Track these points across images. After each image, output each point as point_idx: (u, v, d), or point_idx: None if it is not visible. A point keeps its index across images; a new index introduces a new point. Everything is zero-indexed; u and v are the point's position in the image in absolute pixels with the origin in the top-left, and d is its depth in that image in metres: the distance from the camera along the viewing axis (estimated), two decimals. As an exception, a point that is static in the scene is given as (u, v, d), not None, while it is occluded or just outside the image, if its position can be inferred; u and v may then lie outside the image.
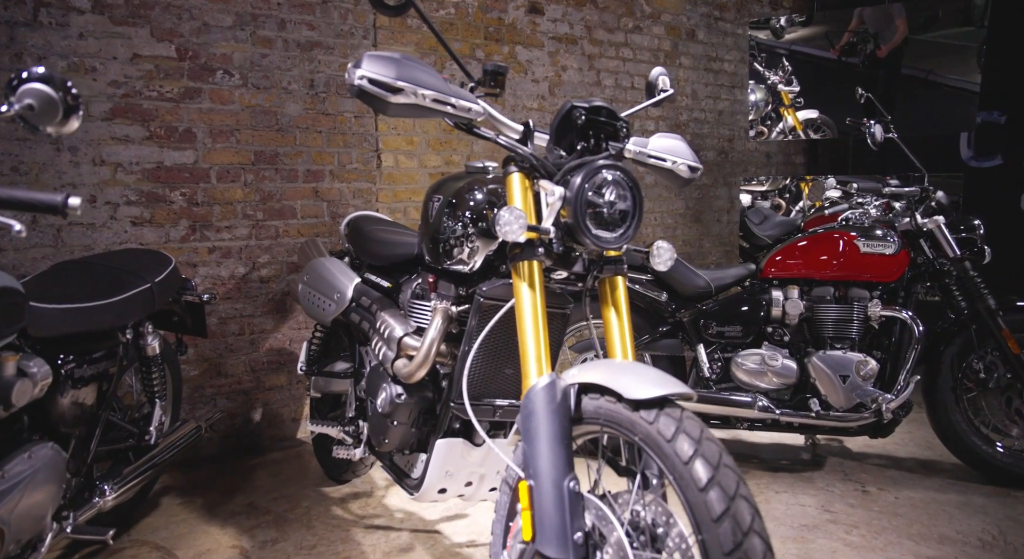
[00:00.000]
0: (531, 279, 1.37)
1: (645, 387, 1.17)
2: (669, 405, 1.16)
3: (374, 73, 1.28)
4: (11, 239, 2.57)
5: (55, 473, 1.65)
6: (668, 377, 1.21)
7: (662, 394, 1.15)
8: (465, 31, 3.52)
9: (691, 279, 2.80)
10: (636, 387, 1.17)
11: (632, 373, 1.22)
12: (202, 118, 2.88)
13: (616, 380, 1.21)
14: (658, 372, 1.23)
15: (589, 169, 1.35)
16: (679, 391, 1.16)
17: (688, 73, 4.43)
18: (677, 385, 1.18)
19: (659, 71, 1.88)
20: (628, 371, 1.23)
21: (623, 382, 1.20)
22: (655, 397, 1.15)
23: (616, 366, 1.27)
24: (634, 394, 1.16)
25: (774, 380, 2.67)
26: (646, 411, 1.15)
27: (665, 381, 1.18)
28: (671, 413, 1.14)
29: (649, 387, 1.16)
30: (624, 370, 1.24)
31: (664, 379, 1.19)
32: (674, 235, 4.41)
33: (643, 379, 1.19)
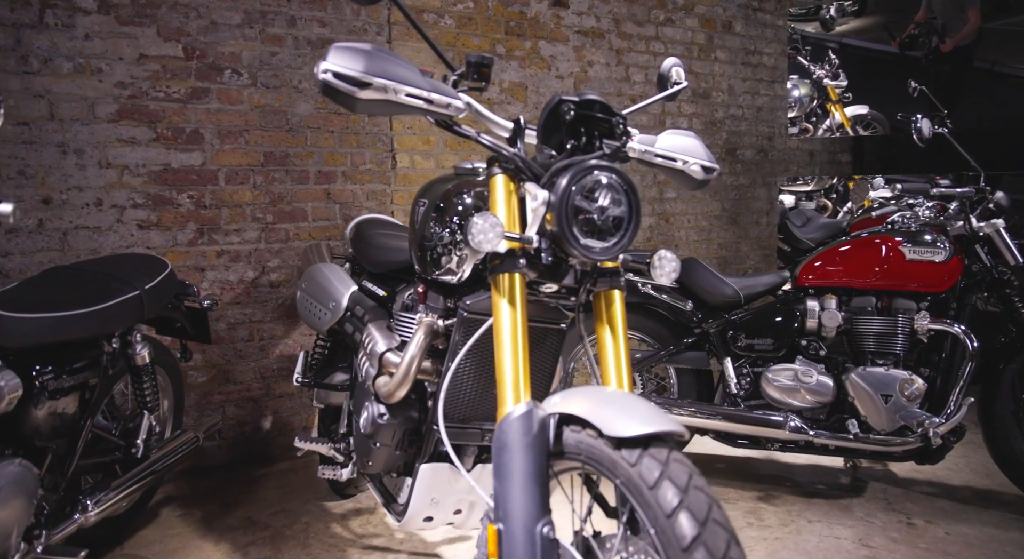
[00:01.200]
0: (511, 293, 1.22)
1: (629, 422, 1.00)
2: (656, 444, 0.99)
3: (340, 66, 1.15)
4: (17, 243, 2.54)
5: (22, 490, 1.57)
6: (659, 412, 1.04)
7: (647, 432, 0.98)
8: (485, 26, 3.39)
9: (718, 287, 2.60)
10: (619, 422, 1.01)
11: (618, 405, 1.06)
12: (210, 119, 2.82)
13: (598, 412, 1.05)
14: (649, 406, 1.06)
15: (577, 170, 1.20)
16: (668, 429, 1.00)
17: (724, 68, 4.20)
18: (666, 422, 1.01)
19: (672, 62, 1.70)
20: (614, 402, 1.07)
21: (605, 415, 1.04)
22: (639, 435, 0.98)
23: (603, 395, 1.11)
24: (615, 430, 1.00)
25: (808, 398, 2.46)
26: (628, 450, 0.99)
27: (654, 417, 1.02)
28: (656, 454, 0.97)
29: (633, 423, 1.00)
30: (610, 401, 1.08)
31: (653, 414, 1.03)
32: (709, 238, 4.19)
33: (629, 413, 1.03)
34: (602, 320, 1.31)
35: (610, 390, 1.14)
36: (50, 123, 2.56)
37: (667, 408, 2.55)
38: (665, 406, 2.55)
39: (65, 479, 1.80)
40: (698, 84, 4.09)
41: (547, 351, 1.52)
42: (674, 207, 4.04)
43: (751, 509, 2.45)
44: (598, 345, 1.31)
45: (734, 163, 4.27)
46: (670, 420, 1.02)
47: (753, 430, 2.48)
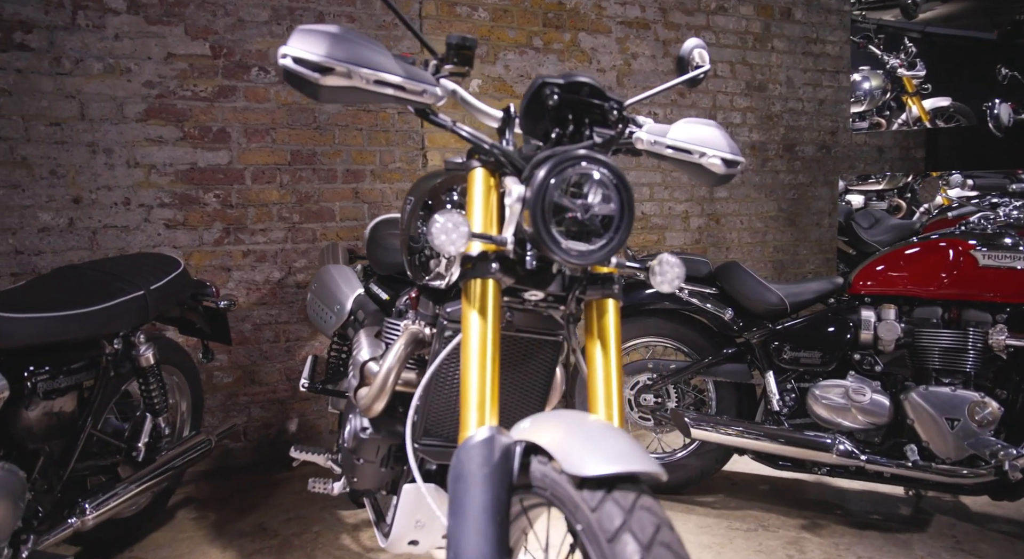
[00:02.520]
0: (483, 301, 1.08)
1: (594, 459, 0.85)
2: (623, 487, 0.83)
3: (300, 51, 1.03)
4: (49, 241, 2.58)
5: (6, 493, 1.54)
6: (635, 448, 0.88)
7: (612, 472, 0.83)
8: (521, 18, 3.25)
9: (761, 294, 2.38)
10: (583, 457, 0.86)
11: (589, 436, 0.91)
12: (236, 117, 2.79)
13: (564, 443, 0.90)
14: (625, 439, 0.90)
15: (557, 161, 1.05)
16: (639, 469, 0.83)
17: (783, 58, 3.92)
18: (639, 461, 0.85)
19: (694, 43, 1.52)
20: (585, 433, 0.92)
21: (570, 447, 0.89)
22: (603, 475, 0.83)
23: (576, 423, 0.96)
24: (576, 466, 0.85)
25: (860, 418, 2.21)
26: (591, 491, 0.84)
27: (626, 454, 0.86)
28: (621, 499, 0.82)
29: (599, 459, 0.84)
30: (581, 431, 0.93)
31: (627, 450, 0.87)
32: (763, 240, 3.92)
33: (598, 446, 0.88)
34: (592, 334, 1.15)
35: (589, 418, 0.98)
36: (81, 123, 2.59)
37: (702, 424, 2.34)
38: (699, 422, 2.35)
39: (61, 482, 1.77)
40: (753, 76, 3.83)
41: (541, 365, 1.37)
42: (725, 207, 3.79)
43: (793, 539, 2.22)
44: (587, 363, 1.15)
45: (792, 160, 3.99)
46: (644, 459, 0.86)
47: (797, 452, 2.25)
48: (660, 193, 3.61)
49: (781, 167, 3.95)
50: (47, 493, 1.74)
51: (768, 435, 2.28)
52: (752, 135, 3.84)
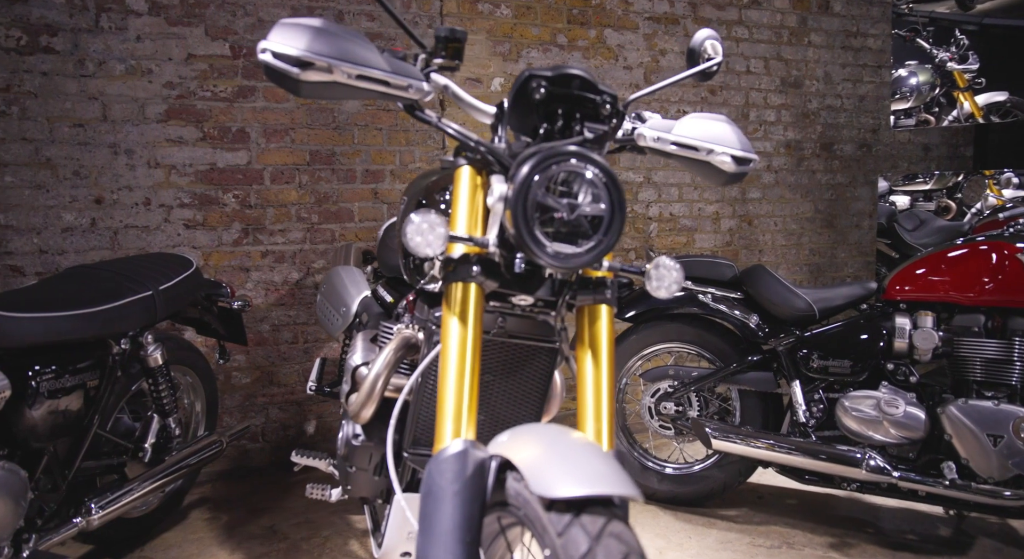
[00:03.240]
0: (463, 306, 1.02)
1: (563, 479, 0.78)
2: (593, 511, 0.76)
3: (280, 45, 0.99)
4: (72, 241, 2.61)
5: (5, 492, 1.53)
6: (612, 469, 0.81)
7: (581, 494, 0.76)
8: (545, 15, 3.18)
9: (787, 299, 2.26)
10: (552, 476, 0.79)
11: (564, 453, 0.84)
12: (256, 117, 2.79)
13: (535, 461, 0.84)
14: (603, 459, 0.83)
15: (541, 158, 0.98)
16: (611, 492, 0.76)
17: (820, 53, 3.76)
18: (613, 483, 0.78)
19: (706, 34, 1.44)
20: (561, 449, 0.85)
21: (540, 465, 0.82)
22: (572, 498, 0.76)
23: (553, 438, 0.89)
24: (544, 487, 0.78)
25: (892, 432, 2.07)
26: (558, 514, 0.77)
27: (600, 475, 0.79)
28: (589, 524, 0.75)
29: (568, 480, 0.78)
30: (557, 447, 0.86)
31: (603, 472, 0.80)
32: (799, 243, 3.76)
33: (572, 465, 0.81)
34: (583, 341, 1.08)
35: (569, 435, 0.91)
36: (103, 124, 2.61)
37: (723, 435, 2.24)
38: (721, 433, 2.24)
39: (66, 481, 1.77)
40: (788, 72, 3.68)
41: (536, 373, 1.30)
42: (758, 208, 3.65)
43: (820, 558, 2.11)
44: (577, 374, 1.08)
45: (830, 159, 3.82)
46: (620, 481, 0.79)
47: (824, 466, 2.12)
48: (689, 194, 3.50)
49: (818, 166, 3.79)
50: (52, 492, 1.75)
51: (793, 448, 2.17)
52: (787, 133, 3.69)
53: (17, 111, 2.53)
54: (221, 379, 2.81)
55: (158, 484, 2.01)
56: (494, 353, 1.24)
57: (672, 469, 2.48)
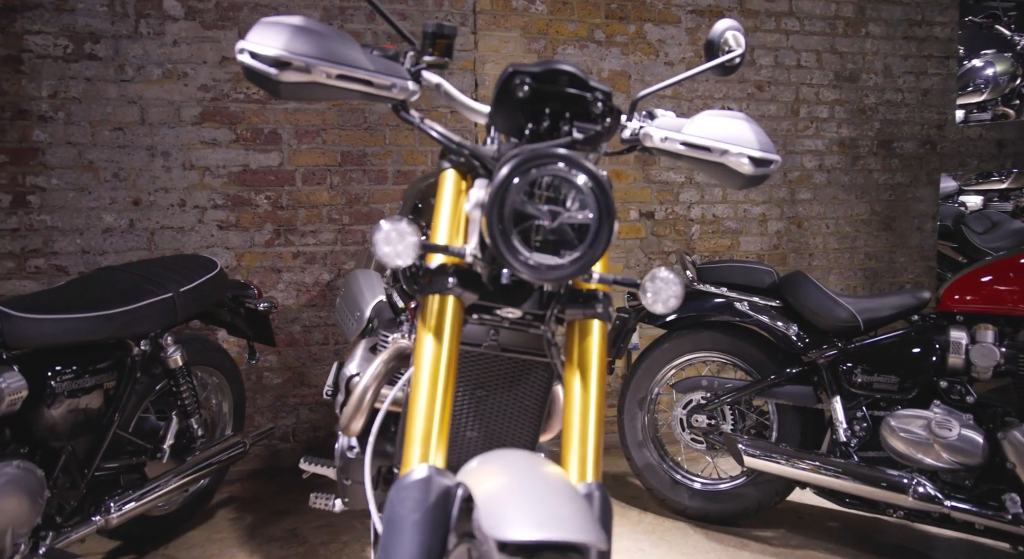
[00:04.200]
0: (438, 320, 0.96)
1: (518, 520, 0.71)
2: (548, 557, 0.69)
3: (256, 45, 0.96)
4: (112, 242, 2.68)
5: (18, 492, 1.56)
6: (577, 511, 0.74)
7: (534, 539, 0.68)
8: (582, 10, 3.09)
9: (829, 308, 2.12)
10: (507, 516, 0.72)
11: (527, 489, 0.77)
12: (288, 119, 2.80)
13: (494, 495, 0.77)
14: (570, 500, 0.76)
15: (519, 161, 0.91)
16: (570, 539, 0.69)
17: (879, 44, 3.53)
18: (574, 528, 0.70)
19: (726, 25, 1.34)
20: (525, 484, 0.78)
21: (499, 501, 0.75)
22: (524, 542, 0.69)
23: (520, 470, 0.82)
24: (495, 528, 0.71)
25: (945, 456, 1.91)
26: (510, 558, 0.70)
27: (562, 518, 0.72)
28: (540, 575, 0.67)
29: (523, 522, 0.71)
30: (521, 480, 0.79)
31: (566, 514, 0.73)
32: (853, 247, 3.55)
33: (531, 504, 0.74)
34: (571, 359, 1.00)
35: (540, 467, 0.83)
36: (141, 127, 2.67)
37: (757, 452, 2.11)
38: (754, 450, 2.11)
39: (85, 480, 1.80)
40: (843, 65, 3.48)
41: (533, 389, 1.23)
42: (809, 210, 3.46)
43: (860, 590, 1.96)
44: (564, 393, 1.00)
45: (889, 158, 3.59)
46: (582, 526, 0.71)
47: (865, 491, 1.97)
48: (734, 194, 3.35)
49: (875, 165, 3.57)
50: (71, 491, 1.78)
51: (833, 469, 2.02)
52: (841, 131, 3.49)
53: (63, 116, 2.61)
54: (252, 379, 2.84)
55: (178, 484, 2.02)
56: (487, 367, 1.18)
57: (704, 484, 2.36)
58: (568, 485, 0.81)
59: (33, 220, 2.61)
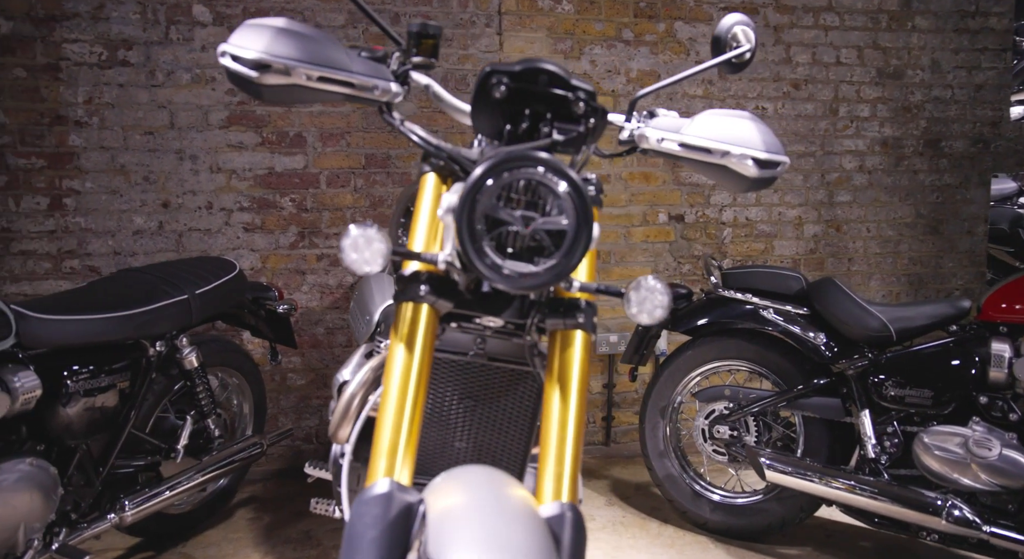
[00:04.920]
0: (411, 329, 0.93)
1: (462, 545, 0.67)
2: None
3: (237, 48, 0.96)
4: (142, 244, 2.74)
5: (31, 488, 1.60)
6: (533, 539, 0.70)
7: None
8: (609, 9, 3.03)
9: (858, 317, 2.01)
10: (451, 542, 0.69)
11: (482, 513, 0.73)
12: (313, 122, 2.82)
13: (445, 516, 0.73)
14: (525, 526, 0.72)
15: (490, 164, 0.87)
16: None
17: (926, 38, 3.36)
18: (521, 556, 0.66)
19: (734, 20, 1.28)
20: (482, 507, 0.74)
21: (447, 523, 0.72)
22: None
23: (481, 490, 0.78)
24: (438, 551, 0.68)
25: (984, 478, 1.79)
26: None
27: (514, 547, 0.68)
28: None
29: (468, 547, 0.67)
30: (479, 502, 0.75)
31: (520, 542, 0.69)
32: (896, 251, 3.39)
33: (481, 528, 0.70)
34: (551, 371, 0.96)
35: (504, 487, 0.79)
36: (170, 131, 2.73)
37: (779, 466, 2.02)
38: (776, 464, 2.02)
39: (100, 478, 1.84)
40: (886, 61, 3.32)
41: (522, 399, 1.19)
42: (848, 212, 3.32)
43: (888, 616, 1.85)
44: (543, 406, 0.96)
45: (936, 158, 3.42)
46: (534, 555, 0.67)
47: (895, 511, 1.86)
48: (768, 197, 3.23)
49: (921, 166, 3.40)
50: (85, 488, 1.81)
51: (859, 487, 1.92)
52: (883, 130, 3.34)
53: (97, 121, 2.68)
54: (276, 380, 2.87)
55: (194, 484, 2.05)
56: (475, 377, 1.14)
57: (726, 498, 2.27)
58: (529, 509, 0.77)
59: (68, 222, 2.69)
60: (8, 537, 1.58)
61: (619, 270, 3.11)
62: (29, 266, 2.67)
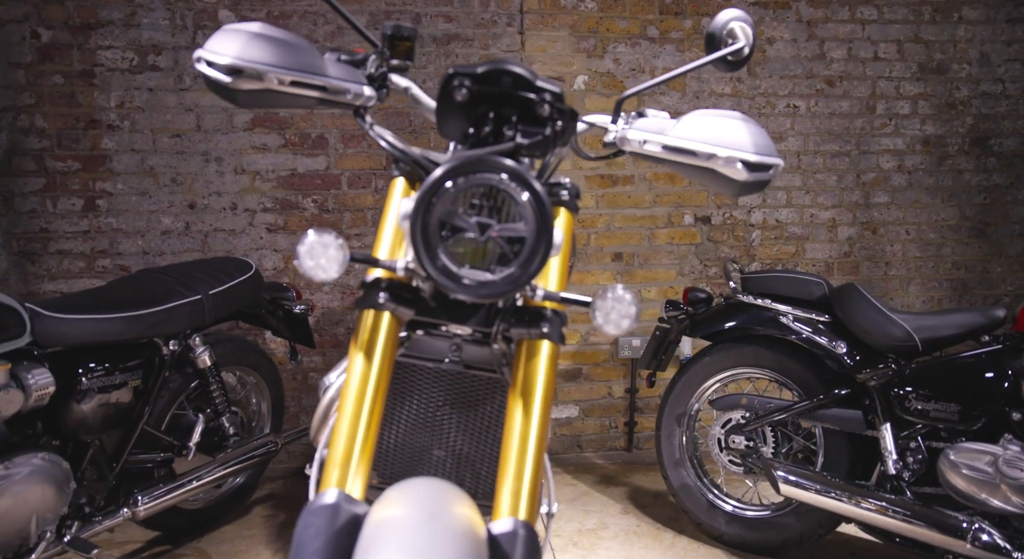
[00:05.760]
0: (371, 337, 0.92)
1: None
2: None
3: (211, 53, 0.96)
4: (169, 244, 2.82)
5: (42, 482, 1.65)
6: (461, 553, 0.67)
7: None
8: (634, 6, 2.97)
9: (880, 325, 1.92)
10: (373, 553, 0.67)
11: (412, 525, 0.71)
12: (334, 123, 2.85)
13: (377, 529, 0.71)
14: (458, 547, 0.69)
15: (445, 169, 0.85)
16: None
17: (975, 30, 3.19)
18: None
19: (731, 15, 1.22)
20: (414, 520, 0.72)
21: (375, 538, 0.70)
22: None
23: (420, 504, 0.76)
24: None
25: (1015, 499, 1.68)
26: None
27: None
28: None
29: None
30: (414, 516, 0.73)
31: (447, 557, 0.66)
32: (939, 255, 3.23)
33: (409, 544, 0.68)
34: (515, 384, 0.93)
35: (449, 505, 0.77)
36: (197, 134, 2.79)
37: (794, 480, 1.94)
38: (791, 477, 1.94)
39: (113, 473, 1.88)
40: (929, 56, 3.16)
41: (498, 409, 1.16)
42: (886, 214, 3.18)
43: (908, 641, 1.75)
44: (506, 419, 0.93)
45: (984, 157, 3.24)
46: None
47: (916, 532, 1.76)
48: (800, 198, 3.12)
49: (966, 165, 3.23)
50: (98, 483, 1.86)
51: (879, 504, 1.82)
52: (925, 128, 3.18)
53: (128, 125, 2.77)
54: (298, 380, 2.91)
55: (207, 481, 2.09)
56: (452, 384, 1.13)
57: (742, 510, 2.20)
58: (466, 526, 0.74)
59: (101, 223, 2.78)
60: (21, 528, 1.63)
61: (643, 272, 3.05)
62: (65, 265, 2.77)
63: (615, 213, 3.01)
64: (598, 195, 3.01)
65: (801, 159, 3.11)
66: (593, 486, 2.73)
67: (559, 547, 2.21)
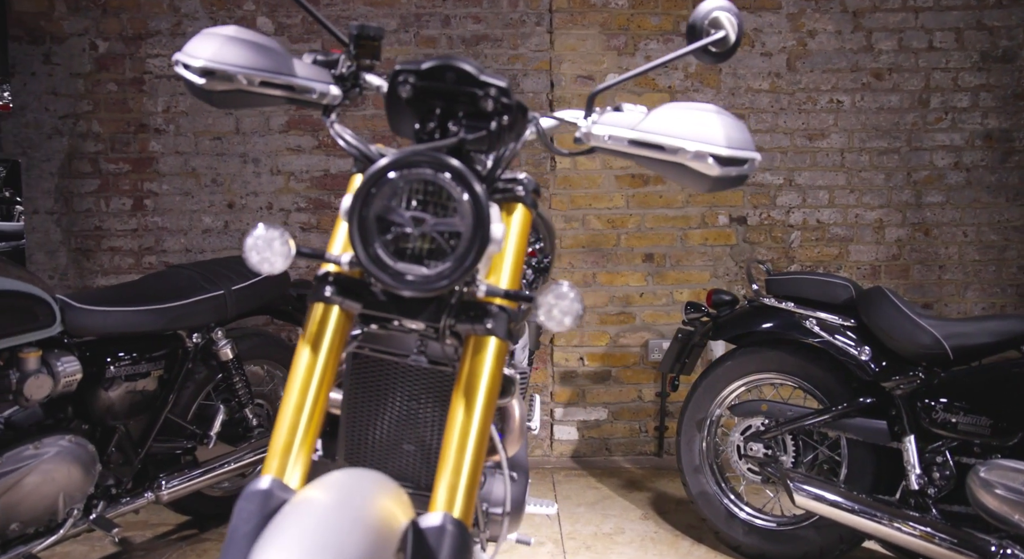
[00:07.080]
0: (319, 330, 0.94)
1: (274, 549, 0.66)
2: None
3: (187, 57, 1.03)
4: (209, 242, 2.94)
5: (70, 462, 1.75)
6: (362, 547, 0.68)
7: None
8: (666, 1, 2.90)
9: (907, 331, 1.81)
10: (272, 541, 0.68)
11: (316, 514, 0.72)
12: (366, 124, 2.91)
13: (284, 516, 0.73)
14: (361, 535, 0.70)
15: (382, 165, 0.86)
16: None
17: (1042, 17, 2.97)
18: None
19: (713, 5, 1.17)
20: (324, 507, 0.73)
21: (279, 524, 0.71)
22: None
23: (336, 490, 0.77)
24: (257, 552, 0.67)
25: (1046, 521, 1.55)
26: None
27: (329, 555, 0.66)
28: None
29: (276, 552, 0.65)
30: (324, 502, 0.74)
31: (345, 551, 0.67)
32: (1000, 258, 3.02)
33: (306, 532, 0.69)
34: (459, 381, 0.93)
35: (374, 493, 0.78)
36: (236, 136, 2.90)
37: (810, 492, 1.85)
38: (807, 489, 1.85)
39: (138, 457, 1.98)
40: (992, 44, 2.96)
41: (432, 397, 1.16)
42: (940, 215, 3.00)
43: None
44: (448, 414, 0.93)
45: (1053, 152, 3.01)
46: None
47: (940, 553, 1.65)
48: (843, 197, 2.98)
49: (1032, 162, 3.01)
50: (123, 467, 1.96)
51: (900, 522, 1.72)
52: (987, 121, 2.98)
53: (173, 128, 2.91)
54: (329, 373, 2.98)
55: (229, 469, 2.16)
56: (418, 379, 1.13)
57: (761, 521, 2.11)
58: (376, 520, 0.74)
59: (148, 222, 2.93)
60: (49, 504, 1.74)
61: (675, 274, 2.98)
62: (115, 261, 2.94)
63: (646, 213, 2.96)
64: (628, 195, 2.96)
65: (845, 157, 2.97)
66: (616, 490, 2.68)
67: (571, 550, 2.19)
